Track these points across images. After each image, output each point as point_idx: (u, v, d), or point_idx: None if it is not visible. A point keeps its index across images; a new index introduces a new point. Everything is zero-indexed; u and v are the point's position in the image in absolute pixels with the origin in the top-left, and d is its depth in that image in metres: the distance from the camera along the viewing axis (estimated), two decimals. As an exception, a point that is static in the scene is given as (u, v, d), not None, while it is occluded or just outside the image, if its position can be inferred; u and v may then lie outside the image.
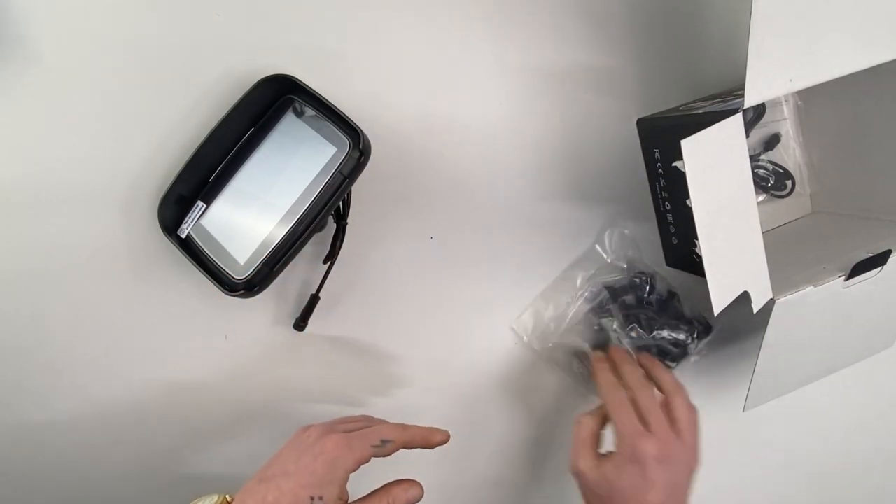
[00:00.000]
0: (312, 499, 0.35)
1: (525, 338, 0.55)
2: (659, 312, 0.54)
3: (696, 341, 0.55)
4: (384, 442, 0.39)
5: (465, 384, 0.55)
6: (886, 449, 0.72)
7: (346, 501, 0.38)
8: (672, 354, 0.55)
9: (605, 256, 0.55)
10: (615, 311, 0.54)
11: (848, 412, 0.69)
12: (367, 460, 0.38)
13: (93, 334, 0.46)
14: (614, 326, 0.53)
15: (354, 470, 0.37)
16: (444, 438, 0.42)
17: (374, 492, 0.39)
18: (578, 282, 0.55)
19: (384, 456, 0.39)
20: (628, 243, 0.55)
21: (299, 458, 0.37)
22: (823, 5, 0.36)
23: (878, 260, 0.45)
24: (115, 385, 0.47)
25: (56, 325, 0.45)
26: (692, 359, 0.56)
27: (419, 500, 0.40)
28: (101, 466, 0.48)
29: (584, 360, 0.55)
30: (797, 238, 0.56)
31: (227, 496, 0.37)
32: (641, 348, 0.54)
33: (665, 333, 0.54)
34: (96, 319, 0.45)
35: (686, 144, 0.36)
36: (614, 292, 0.54)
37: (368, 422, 0.42)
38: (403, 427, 0.41)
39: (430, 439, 0.42)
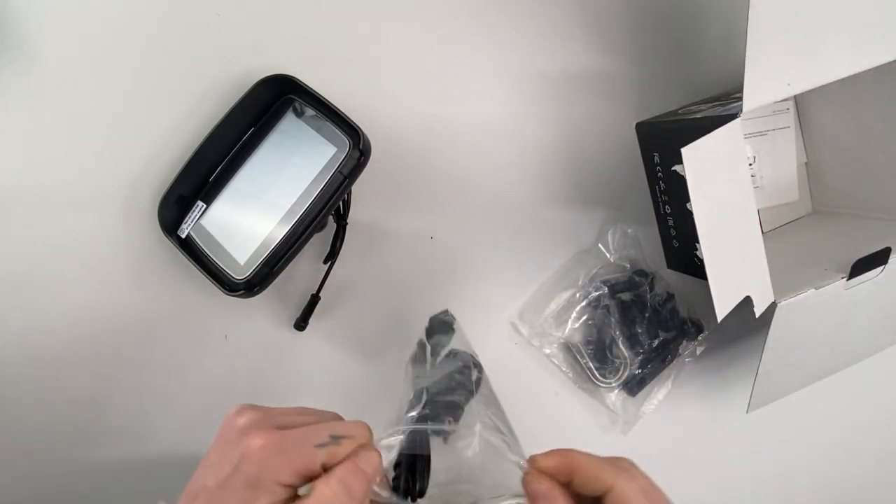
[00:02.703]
0: None
1: (525, 333, 0.55)
2: (655, 312, 0.55)
3: (686, 343, 0.56)
4: (335, 438, 0.28)
5: (465, 384, 0.55)
6: (889, 448, 0.72)
7: None
8: (664, 354, 0.55)
9: (607, 255, 0.55)
10: (613, 308, 0.54)
11: (850, 411, 0.69)
12: (314, 470, 0.27)
13: (92, 334, 0.46)
14: (612, 322, 0.53)
15: (295, 485, 0.27)
16: None
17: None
18: (581, 280, 0.55)
19: (336, 463, 0.28)
20: (631, 242, 0.55)
21: (220, 467, 0.27)
22: (820, 8, 0.36)
23: (879, 258, 0.45)
24: (114, 385, 0.47)
25: (56, 325, 0.45)
26: (686, 359, 0.57)
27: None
28: (102, 466, 0.48)
29: (584, 356, 0.55)
30: (798, 238, 0.56)
31: None
32: (634, 344, 0.54)
33: (659, 332, 0.54)
34: (96, 319, 0.45)
35: (686, 151, 0.36)
36: (613, 289, 0.54)
37: (317, 417, 0.32)
38: (361, 424, 0.30)
39: None
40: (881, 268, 0.45)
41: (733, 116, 0.37)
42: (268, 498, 0.26)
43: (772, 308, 0.43)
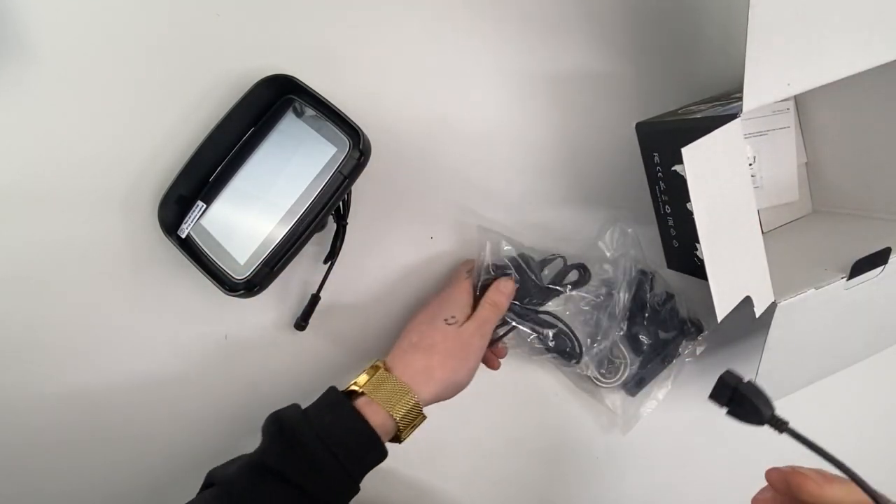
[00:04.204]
0: (446, 320, 0.44)
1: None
2: (655, 312, 0.55)
3: (686, 343, 0.56)
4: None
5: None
6: (890, 448, 0.72)
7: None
8: (663, 355, 0.55)
9: (607, 254, 0.55)
10: (613, 307, 0.54)
11: (850, 411, 0.69)
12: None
13: (92, 334, 0.46)
14: (615, 311, 0.53)
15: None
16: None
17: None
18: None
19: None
20: (630, 241, 0.55)
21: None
22: (820, 8, 0.36)
23: (879, 258, 0.45)
24: (114, 384, 0.47)
25: (56, 325, 0.45)
26: (686, 359, 0.57)
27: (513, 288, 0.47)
28: (100, 466, 0.48)
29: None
30: (798, 238, 0.56)
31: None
32: (634, 344, 0.54)
33: (659, 332, 0.54)
34: (96, 319, 0.46)
35: (687, 152, 0.36)
36: (609, 286, 0.54)
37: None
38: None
39: None
40: (881, 268, 0.45)
41: (733, 116, 0.37)
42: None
43: (772, 308, 0.43)
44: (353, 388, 0.41)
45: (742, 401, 0.33)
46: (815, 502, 0.34)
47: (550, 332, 0.51)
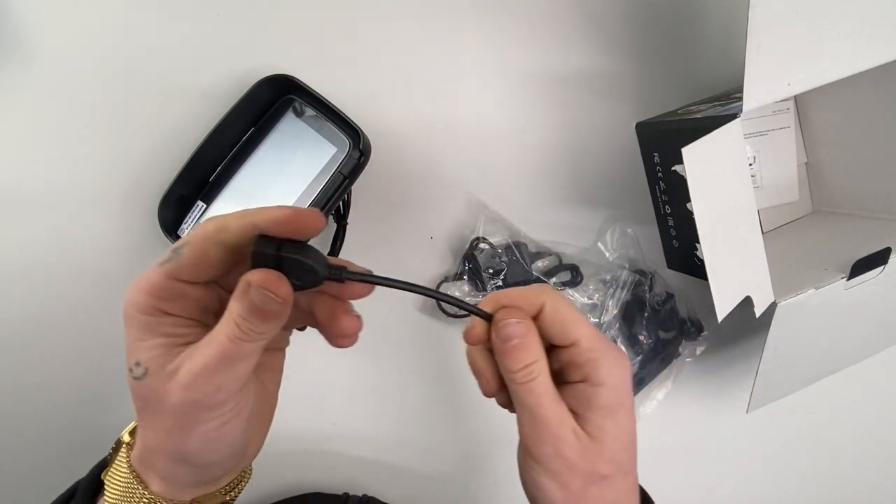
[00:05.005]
0: (130, 369, 0.25)
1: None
2: (655, 312, 0.55)
3: (686, 343, 0.56)
4: (175, 251, 0.25)
5: (466, 380, 0.55)
6: (890, 448, 0.72)
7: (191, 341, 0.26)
8: (663, 355, 0.55)
9: (607, 254, 0.55)
10: (612, 307, 0.54)
11: (850, 411, 0.69)
12: (163, 286, 0.25)
13: (92, 335, 0.46)
14: (601, 320, 0.53)
15: (150, 310, 0.25)
16: (317, 221, 0.26)
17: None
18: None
19: (180, 266, 0.25)
20: (630, 242, 0.55)
21: None
22: (820, 8, 0.36)
23: (879, 258, 0.45)
24: (113, 385, 0.47)
25: (56, 325, 0.45)
26: (686, 359, 0.57)
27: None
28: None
29: None
30: (798, 238, 0.56)
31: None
32: (634, 344, 0.54)
33: (659, 332, 0.54)
34: (96, 320, 0.45)
35: (687, 152, 0.36)
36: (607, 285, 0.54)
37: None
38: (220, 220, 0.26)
39: (286, 220, 0.26)
40: (881, 268, 0.45)
41: (733, 116, 0.37)
42: (136, 322, 0.26)
43: (772, 308, 0.43)
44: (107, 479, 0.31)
45: (292, 265, 0.25)
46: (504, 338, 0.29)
47: None
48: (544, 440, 0.29)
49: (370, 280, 0.29)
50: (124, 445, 0.30)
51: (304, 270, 0.26)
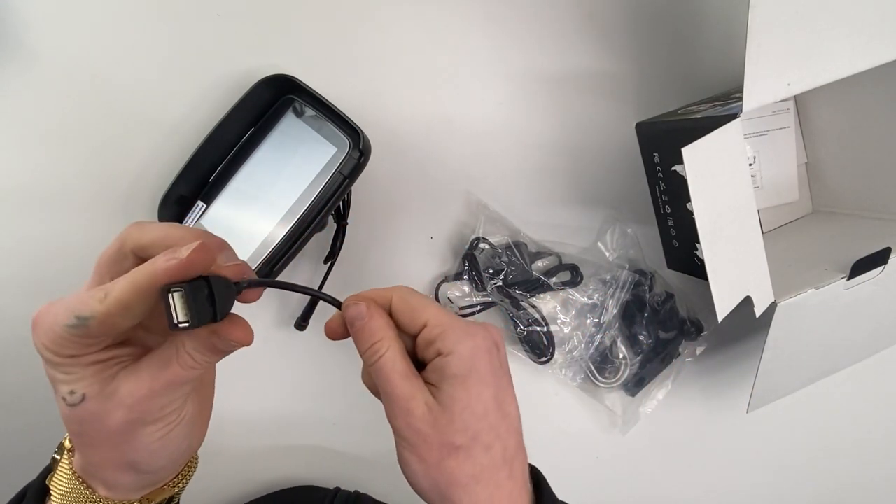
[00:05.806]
0: (64, 398, 0.25)
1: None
2: (655, 312, 0.55)
3: (686, 343, 0.56)
4: (81, 320, 0.24)
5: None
6: (890, 448, 0.72)
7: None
8: (663, 354, 0.55)
9: (606, 254, 0.55)
10: (612, 307, 0.54)
11: (850, 411, 0.69)
12: (73, 342, 0.24)
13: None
14: (601, 321, 0.53)
15: (69, 354, 0.25)
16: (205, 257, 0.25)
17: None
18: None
19: (88, 333, 0.24)
20: (630, 242, 0.55)
21: None
22: (820, 8, 0.36)
23: (879, 258, 0.45)
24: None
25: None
26: (686, 359, 0.57)
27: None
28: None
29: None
30: (798, 238, 0.56)
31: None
32: (634, 344, 0.54)
33: (659, 332, 0.54)
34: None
35: (687, 152, 0.36)
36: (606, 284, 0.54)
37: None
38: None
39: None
40: (881, 268, 0.45)
41: (733, 116, 0.37)
42: (55, 364, 0.25)
43: (772, 308, 0.43)
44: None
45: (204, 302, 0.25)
46: None
47: (527, 323, 0.51)
48: (396, 414, 0.31)
49: (265, 284, 0.30)
50: (66, 452, 0.30)
51: (222, 301, 0.26)
